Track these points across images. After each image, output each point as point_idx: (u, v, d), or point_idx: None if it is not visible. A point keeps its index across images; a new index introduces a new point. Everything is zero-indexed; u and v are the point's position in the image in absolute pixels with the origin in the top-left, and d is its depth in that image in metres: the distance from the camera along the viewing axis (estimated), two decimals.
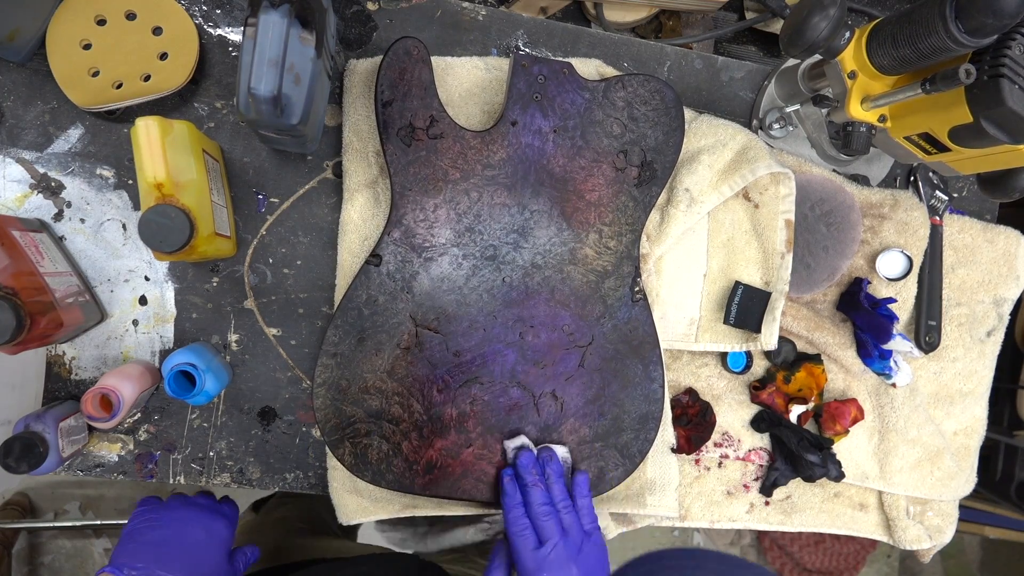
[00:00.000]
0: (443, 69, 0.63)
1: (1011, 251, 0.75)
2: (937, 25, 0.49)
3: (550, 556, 0.56)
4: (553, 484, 0.59)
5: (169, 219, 0.50)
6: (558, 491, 0.59)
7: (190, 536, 0.57)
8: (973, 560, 2.08)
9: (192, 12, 0.61)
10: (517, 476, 0.59)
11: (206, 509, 0.60)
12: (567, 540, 0.56)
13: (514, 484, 0.59)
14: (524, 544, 0.57)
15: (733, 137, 0.65)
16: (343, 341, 0.58)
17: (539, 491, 0.58)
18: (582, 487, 0.60)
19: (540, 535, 0.57)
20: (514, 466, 0.60)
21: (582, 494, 0.60)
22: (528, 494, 0.58)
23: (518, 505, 0.58)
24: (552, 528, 0.57)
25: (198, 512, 0.60)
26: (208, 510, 0.60)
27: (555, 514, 0.57)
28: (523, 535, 0.57)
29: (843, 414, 0.69)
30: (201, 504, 0.61)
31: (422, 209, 0.58)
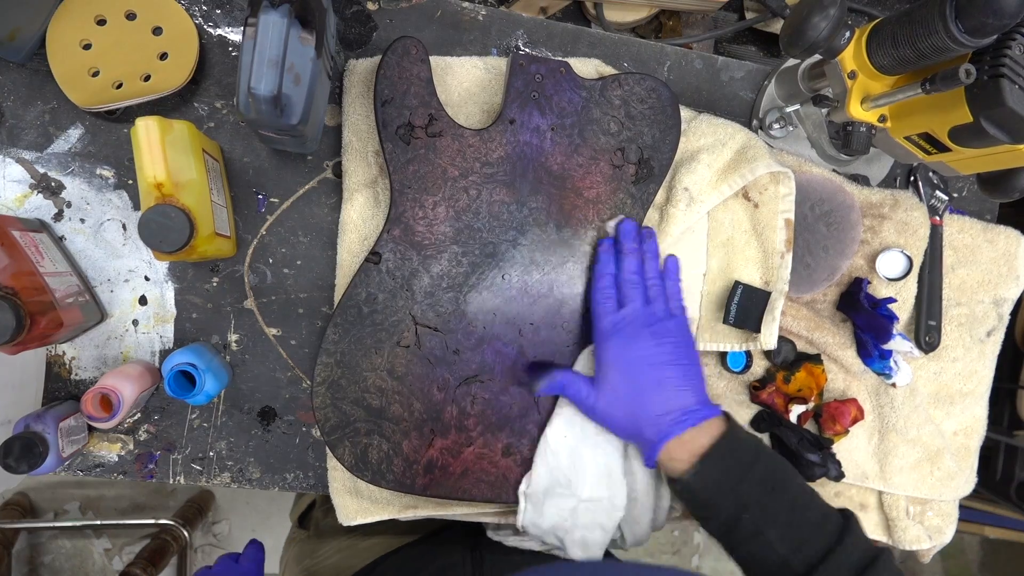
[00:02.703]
0: (442, 69, 0.63)
1: (1011, 251, 0.75)
2: (937, 25, 0.49)
3: (626, 319, 0.55)
4: (648, 260, 0.58)
5: (169, 219, 0.50)
6: (651, 268, 0.58)
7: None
8: (973, 560, 2.08)
9: (192, 12, 0.61)
10: (616, 243, 0.58)
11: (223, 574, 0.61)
12: (648, 309, 0.55)
13: (609, 255, 0.58)
14: (604, 307, 0.56)
15: (732, 136, 0.65)
16: (343, 340, 0.58)
17: (634, 259, 0.57)
18: (673, 272, 0.59)
19: (621, 301, 0.55)
20: (616, 233, 0.58)
21: (673, 278, 0.59)
22: (622, 260, 0.57)
23: (608, 274, 0.57)
24: (636, 294, 0.55)
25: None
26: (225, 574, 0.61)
27: (642, 284, 0.56)
28: (606, 300, 0.56)
29: (843, 414, 0.69)
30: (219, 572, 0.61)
31: (421, 207, 0.59)
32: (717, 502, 0.53)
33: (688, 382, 0.55)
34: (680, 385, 0.55)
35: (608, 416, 0.56)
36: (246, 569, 0.62)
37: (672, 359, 0.55)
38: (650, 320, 0.55)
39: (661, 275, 0.58)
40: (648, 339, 0.54)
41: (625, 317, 0.55)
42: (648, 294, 0.57)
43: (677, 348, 0.55)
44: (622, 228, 0.58)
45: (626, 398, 0.54)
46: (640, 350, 0.54)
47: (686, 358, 0.56)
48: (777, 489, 0.53)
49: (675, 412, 0.54)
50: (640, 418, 0.54)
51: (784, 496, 0.53)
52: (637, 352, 0.54)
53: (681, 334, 0.56)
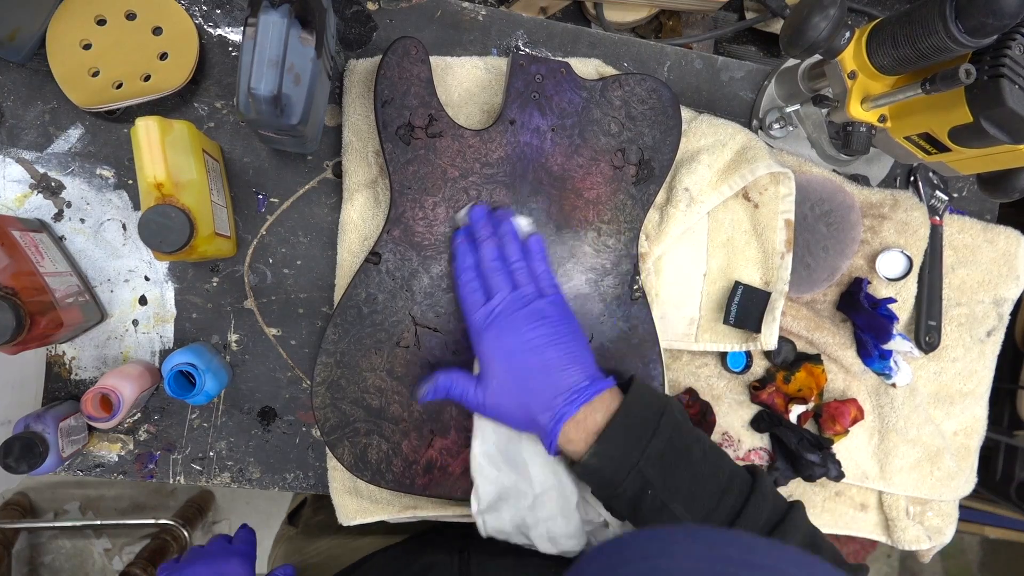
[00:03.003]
0: (443, 69, 0.63)
1: (1011, 251, 0.75)
2: (937, 25, 0.49)
3: (496, 309, 0.52)
4: (508, 243, 0.55)
5: (169, 219, 0.50)
6: (513, 250, 0.55)
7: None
8: (973, 560, 2.08)
9: (192, 12, 0.61)
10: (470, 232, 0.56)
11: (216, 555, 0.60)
12: (516, 294, 0.53)
13: (466, 245, 0.55)
14: (472, 301, 0.53)
15: (733, 137, 0.65)
16: (343, 340, 0.58)
17: (491, 246, 0.54)
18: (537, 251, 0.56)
19: (488, 292, 0.53)
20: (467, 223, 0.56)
21: (538, 258, 0.56)
22: (480, 249, 0.54)
23: (470, 268, 0.54)
24: (501, 282, 0.53)
25: (209, 561, 0.59)
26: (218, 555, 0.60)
27: (505, 269, 0.54)
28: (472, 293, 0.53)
29: (843, 414, 0.69)
30: (211, 551, 0.60)
31: (421, 207, 0.59)
32: (618, 481, 0.50)
33: (572, 360, 0.52)
34: (564, 364, 0.52)
35: (499, 411, 0.53)
36: (239, 550, 0.62)
37: (551, 340, 0.52)
38: (520, 304, 0.53)
39: (524, 256, 0.56)
40: (522, 324, 0.52)
41: (495, 308, 0.53)
42: (514, 279, 0.54)
43: (555, 327, 0.53)
44: (473, 214, 0.56)
45: (513, 388, 0.52)
46: (516, 336, 0.52)
47: (566, 335, 0.53)
48: (680, 459, 0.50)
49: (564, 393, 0.51)
50: (531, 406, 0.52)
51: (686, 466, 0.50)
52: (514, 339, 0.52)
53: (557, 312, 0.54)
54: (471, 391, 0.54)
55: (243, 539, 0.64)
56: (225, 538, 0.64)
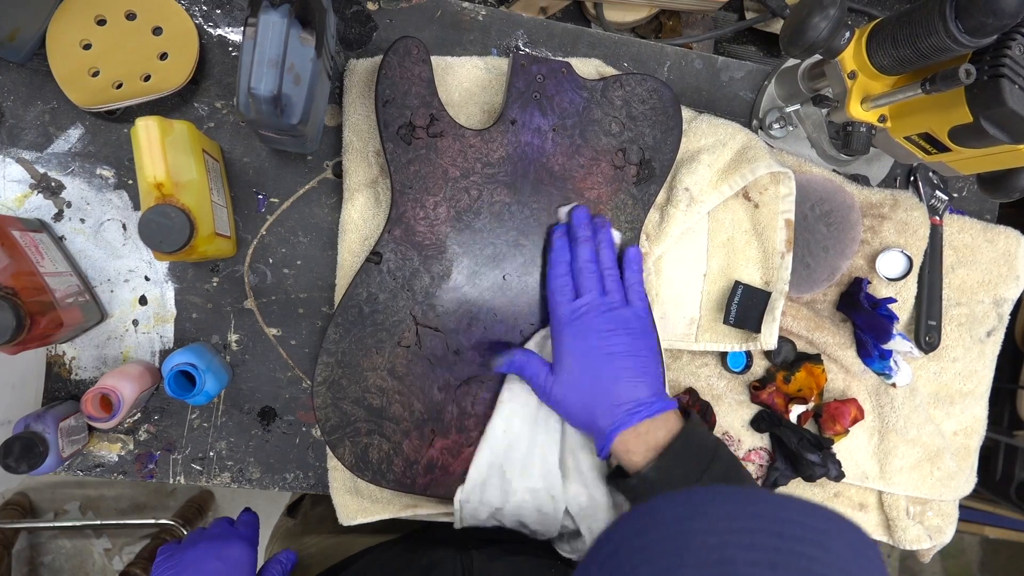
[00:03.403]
0: (443, 69, 0.63)
1: (1011, 251, 0.75)
2: (937, 25, 0.49)
3: (582, 308, 0.54)
4: (603, 249, 0.57)
5: (169, 219, 0.50)
6: (607, 256, 0.57)
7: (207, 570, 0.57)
8: (973, 560, 2.08)
9: (192, 12, 0.61)
10: (569, 231, 0.58)
11: (219, 537, 0.60)
12: (604, 299, 0.54)
13: (564, 241, 0.57)
14: (562, 297, 0.55)
15: (733, 137, 0.65)
16: (343, 339, 0.58)
17: (588, 247, 0.56)
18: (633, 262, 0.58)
19: (578, 290, 0.55)
20: (569, 220, 0.58)
21: (633, 269, 0.58)
22: (576, 248, 0.56)
23: (563, 262, 0.56)
24: (592, 283, 0.55)
25: (211, 543, 0.59)
26: (221, 537, 0.60)
27: (598, 273, 0.56)
28: (563, 288, 0.55)
29: (843, 414, 0.69)
30: (215, 533, 0.60)
31: (422, 207, 0.59)
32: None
33: (644, 373, 0.54)
34: (636, 376, 0.54)
35: (563, 402, 0.55)
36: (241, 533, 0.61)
37: (628, 350, 0.54)
38: (606, 308, 0.55)
39: (617, 264, 0.58)
40: (605, 327, 0.54)
41: (581, 306, 0.54)
42: (605, 283, 0.56)
43: (634, 338, 0.55)
44: (575, 215, 0.58)
45: (581, 386, 0.54)
46: (596, 339, 0.54)
47: (644, 349, 0.55)
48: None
49: (630, 403, 0.53)
50: (594, 407, 0.54)
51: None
52: (593, 341, 0.54)
53: (639, 323, 0.56)
54: (542, 376, 0.56)
55: (246, 523, 0.63)
56: (227, 521, 0.63)
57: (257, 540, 0.63)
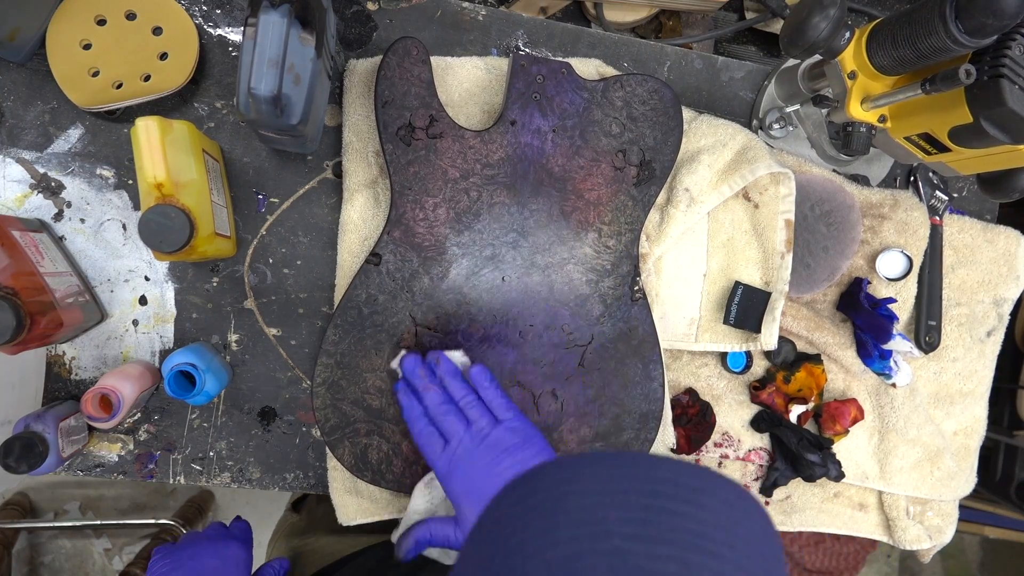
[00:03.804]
0: (443, 69, 0.63)
1: (1011, 251, 0.75)
2: (937, 25, 0.49)
3: (457, 451, 0.52)
4: (449, 383, 0.55)
5: (169, 219, 0.50)
6: (457, 388, 0.54)
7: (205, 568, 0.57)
8: (973, 560, 2.08)
9: (192, 12, 0.61)
10: (408, 384, 0.56)
11: (216, 538, 0.60)
12: (472, 430, 0.52)
13: (409, 395, 0.55)
14: (432, 449, 0.53)
15: (733, 137, 0.65)
16: (343, 340, 0.58)
17: (433, 392, 0.54)
18: (481, 379, 0.56)
19: (445, 435, 0.53)
20: (402, 375, 0.56)
21: (483, 385, 0.55)
22: (423, 398, 0.54)
23: (420, 416, 0.54)
24: (454, 423, 0.53)
25: (208, 543, 0.59)
26: (218, 538, 0.60)
27: (455, 410, 0.53)
28: (429, 441, 0.53)
29: (843, 414, 0.69)
30: (211, 535, 0.61)
31: (422, 208, 0.59)
32: None
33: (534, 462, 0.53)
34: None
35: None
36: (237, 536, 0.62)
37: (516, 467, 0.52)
38: (479, 439, 0.53)
39: (471, 389, 0.55)
40: (485, 458, 0.52)
41: (455, 451, 0.52)
42: (467, 415, 0.54)
43: (518, 454, 0.52)
44: (405, 367, 0.56)
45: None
46: (482, 472, 0.52)
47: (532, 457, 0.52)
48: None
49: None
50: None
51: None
52: (480, 476, 0.52)
53: (516, 436, 0.53)
54: (451, 535, 0.53)
55: (240, 528, 0.64)
56: (222, 525, 0.64)
57: (251, 544, 0.63)
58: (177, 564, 0.57)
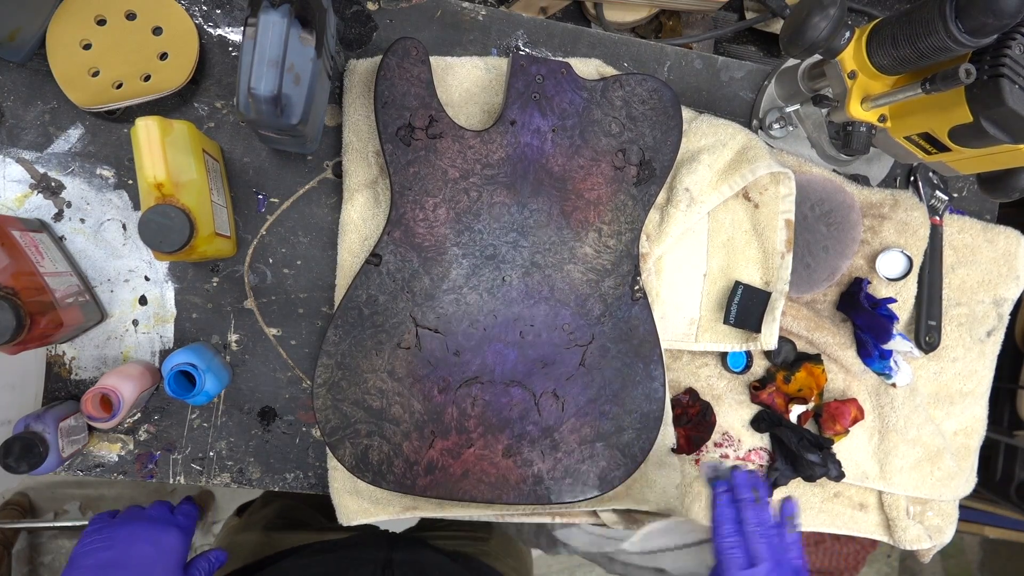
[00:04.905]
0: (443, 69, 0.63)
1: (1011, 251, 0.75)
2: (937, 25, 0.49)
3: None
4: (765, 508, 0.59)
5: (169, 219, 0.50)
6: (768, 516, 0.59)
7: (137, 554, 0.54)
8: (973, 560, 2.08)
9: (192, 12, 0.61)
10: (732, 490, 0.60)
11: (158, 522, 0.57)
12: (780, 568, 0.56)
13: (729, 500, 0.60)
14: (733, 562, 0.56)
15: (733, 137, 0.65)
16: (343, 341, 0.58)
17: (755, 511, 0.58)
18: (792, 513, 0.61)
19: (752, 555, 0.56)
20: (730, 480, 0.60)
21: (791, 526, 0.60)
22: (743, 510, 0.58)
23: (730, 521, 0.58)
24: (765, 551, 0.56)
25: (148, 526, 0.57)
26: (159, 522, 0.57)
27: (768, 541, 0.57)
28: (733, 552, 0.57)
29: (843, 414, 0.69)
30: (153, 516, 0.58)
31: (422, 208, 0.58)
32: None
33: None
34: None
35: None
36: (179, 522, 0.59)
37: None
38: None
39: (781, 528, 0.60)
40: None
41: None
42: (776, 554, 0.57)
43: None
44: (738, 479, 0.60)
45: None
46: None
47: None
48: None
49: None
50: None
51: None
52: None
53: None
54: None
55: (185, 512, 0.61)
56: (167, 506, 0.61)
57: (193, 531, 0.60)
58: (109, 543, 0.54)
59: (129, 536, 0.55)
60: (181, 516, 0.60)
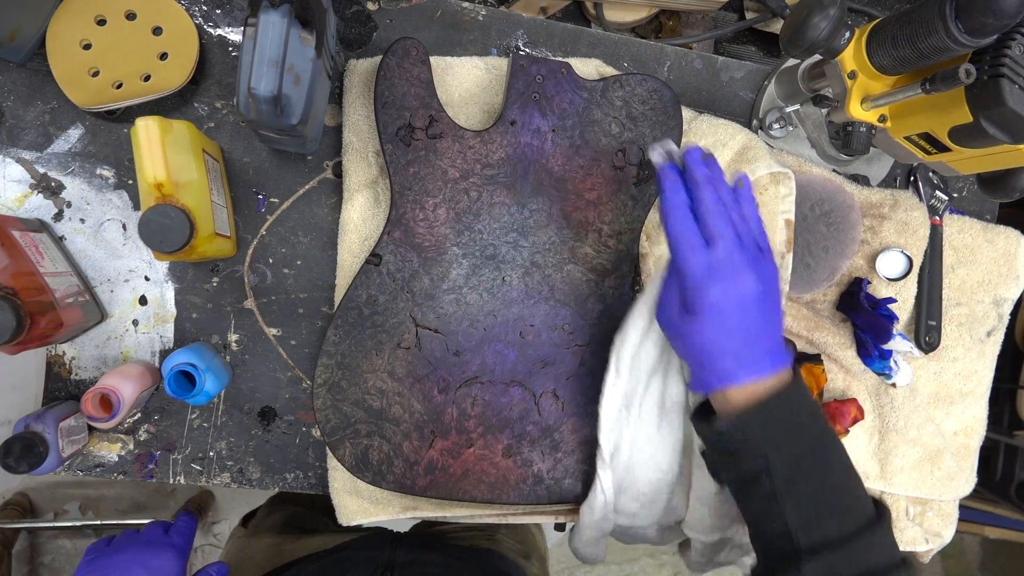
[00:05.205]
0: (443, 69, 0.63)
1: (1011, 251, 0.75)
2: (937, 25, 0.49)
3: (721, 257, 0.48)
4: (721, 186, 0.50)
5: (169, 219, 0.50)
6: (727, 193, 0.50)
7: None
8: (973, 560, 2.08)
9: (192, 12, 0.61)
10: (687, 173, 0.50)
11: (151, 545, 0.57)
12: (743, 247, 0.49)
13: (677, 182, 0.50)
14: (690, 245, 0.48)
15: (733, 137, 0.65)
16: (343, 341, 0.58)
17: (710, 189, 0.49)
18: (748, 197, 0.52)
19: (708, 235, 0.49)
20: (682, 161, 0.51)
21: (749, 204, 0.52)
22: (699, 190, 0.49)
23: (682, 204, 0.49)
24: (724, 226, 0.48)
25: (140, 551, 0.57)
26: (153, 545, 0.57)
27: (727, 215, 0.49)
28: (690, 236, 0.49)
29: (843, 414, 0.69)
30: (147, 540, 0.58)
31: (422, 208, 0.59)
32: (741, 456, 0.50)
33: (774, 328, 0.51)
34: (762, 329, 0.50)
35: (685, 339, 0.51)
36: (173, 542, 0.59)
37: (765, 307, 0.49)
38: (752, 259, 0.49)
39: (739, 202, 0.52)
40: (753, 284, 0.48)
41: (718, 257, 0.48)
42: (736, 228, 0.50)
43: (766, 286, 0.50)
44: (690, 155, 0.51)
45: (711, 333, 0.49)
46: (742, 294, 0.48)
47: (772, 299, 0.50)
48: (814, 465, 0.49)
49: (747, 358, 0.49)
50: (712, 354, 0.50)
51: (817, 472, 0.49)
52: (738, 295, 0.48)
53: (770, 271, 0.50)
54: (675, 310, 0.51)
55: (180, 531, 0.61)
56: (162, 527, 0.61)
57: (189, 549, 0.61)
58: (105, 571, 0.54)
59: (122, 564, 0.55)
60: (176, 535, 0.60)
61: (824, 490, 0.49)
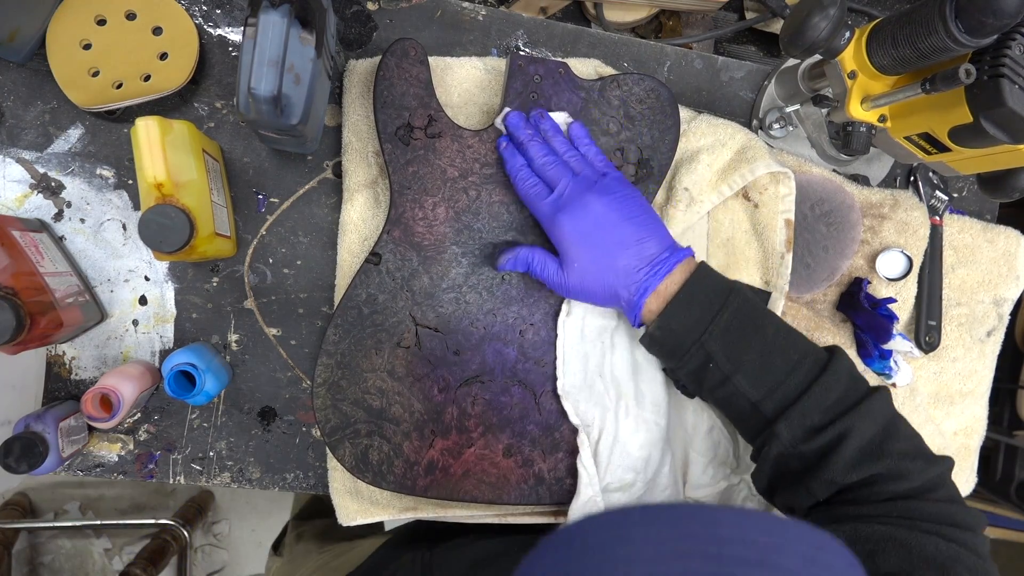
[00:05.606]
0: (442, 69, 0.63)
1: (1011, 251, 0.75)
2: (937, 25, 0.49)
3: (564, 196, 0.53)
4: (552, 138, 0.57)
5: (169, 219, 0.50)
6: (559, 143, 0.56)
7: None
8: None
9: (192, 12, 0.61)
10: (511, 139, 0.57)
11: None
12: (579, 178, 0.54)
13: (512, 149, 0.57)
14: (537, 195, 0.54)
15: (732, 137, 0.65)
16: (343, 341, 0.58)
17: (538, 144, 0.55)
18: (581, 136, 0.57)
19: (550, 184, 0.55)
20: (506, 128, 0.58)
21: (583, 143, 0.57)
22: (527, 150, 0.55)
23: (523, 167, 0.55)
24: (560, 172, 0.54)
25: None
26: None
27: (560, 162, 0.55)
28: (534, 188, 0.55)
29: None
30: None
31: (421, 208, 0.59)
32: (682, 352, 0.52)
33: (648, 232, 0.53)
34: (641, 237, 0.53)
35: (583, 291, 0.54)
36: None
37: (623, 215, 0.53)
38: (585, 186, 0.53)
39: (573, 145, 0.57)
40: (592, 203, 0.53)
41: (562, 195, 0.54)
42: (571, 167, 0.55)
43: (625, 201, 0.53)
44: (510, 122, 0.57)
45: (593, 268, 0.53)
46: (589, 216, 0.52)
47: (638, 209, 0.53)
48: (748, 334, 0.51)
49: (644, 266, 0.52)
50: (614, 283, 0.53)
51: (754, 341, 0.51)
52: (587, 219, 0.53)
53: (621, 187, 0.54)
54: (552, 269, 0.55)
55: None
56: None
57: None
58: None
59: None
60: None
61: (767, 354, 0.51)
